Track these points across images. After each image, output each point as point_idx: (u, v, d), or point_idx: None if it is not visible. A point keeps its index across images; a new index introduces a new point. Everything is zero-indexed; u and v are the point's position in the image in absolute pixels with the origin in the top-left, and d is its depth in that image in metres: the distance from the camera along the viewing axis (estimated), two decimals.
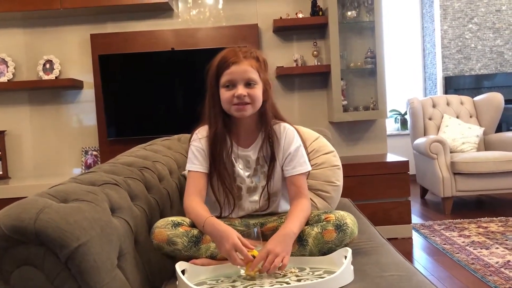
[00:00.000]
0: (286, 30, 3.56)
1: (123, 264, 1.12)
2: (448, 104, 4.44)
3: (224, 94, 1.42)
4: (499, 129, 4.61)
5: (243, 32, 3.51)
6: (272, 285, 1.14)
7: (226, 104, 1.42)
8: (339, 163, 1.99)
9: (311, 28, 3.53)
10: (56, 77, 3.53)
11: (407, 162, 3.16)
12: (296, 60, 3.54)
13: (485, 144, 4.25)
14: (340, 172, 1.99)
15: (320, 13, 3.47)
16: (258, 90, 1.42)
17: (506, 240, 2.96)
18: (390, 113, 5.57)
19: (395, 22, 5.64)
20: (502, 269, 2.45)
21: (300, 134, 1.55)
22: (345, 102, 3.49)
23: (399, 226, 3.15)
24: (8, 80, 3.53)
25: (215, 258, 1.31)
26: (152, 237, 1.29)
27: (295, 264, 1.28)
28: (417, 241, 3.11)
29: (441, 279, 2.41)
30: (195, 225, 1.35)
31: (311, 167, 1.55)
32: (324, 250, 1.31)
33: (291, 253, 1.27)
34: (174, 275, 1.20)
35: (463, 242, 2.97)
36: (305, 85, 3.64)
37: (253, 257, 1.21)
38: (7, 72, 3.53)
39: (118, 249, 1.11)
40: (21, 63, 3.60)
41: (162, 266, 1.37)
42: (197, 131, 1.53)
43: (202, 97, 1.51)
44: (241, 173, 1.49)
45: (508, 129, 5.19)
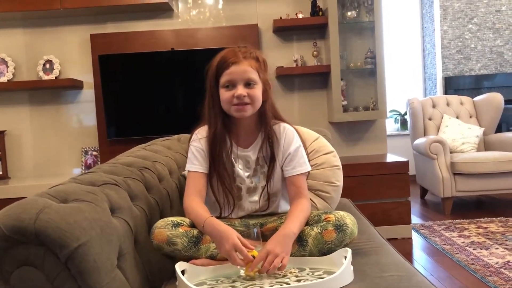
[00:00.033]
0: (286, 30, 3.56)
1: (123, 264, 1.12)
2: (448, 104, 4.44)
3: (224, 94, 1.42)
4: (499, 129, 4.61)
5: (243, 32, 3.51)
6: (272, 286, 1.14)
7: (225, 104, 1.42)
8: (339, 164, 1.99)
9: (311, 28, 3.53)
10: (56, 77, 3.53)
11: (407, 163, 3.16)
12: (296, 60, 3.54)
13: (485, 145, 4.25)
14: (340, 173, 1.99)
15: (320, 13, 3.47)
16: (257, 90, 1.42)
17: (506, 240, 2.96)
18: (390, 113, 5.57)
19: (395, 22, 5.64)
20: (502, 270, 2.45)
21: (299, 134, 1.55)
22: (345, 102, 3.49)
23: (399, 226, 3.15)
24: (8, 80, 3.53)
25: (215, 258, 1.31)
26: (152, 237, 1.29)
27: (295, 265, 1.29)
28: (417, 241, 3.11)
29: (441, 279, 2.41)
30: (195, 225, 1.35)
31: (310, 168, 1.55)
32: (324, 251, 1.31)
33: (291, 254, 1.27)
34: (174, 276, 1.20)
35: (463, 242, 2.97)
36: (305, 85, 3.64)
37: (253, 257, 1.21)
38: (7, 72, 3.53)
39: (118, 249, 1.11)
40: (21, 63, 3.60)
41: (162, 266, 1.37)
42: (196, 131, 1.53)
43: (202, 97, 1.51)
44: (241, 173, 1.49)
45: (508, 130, 5.19)
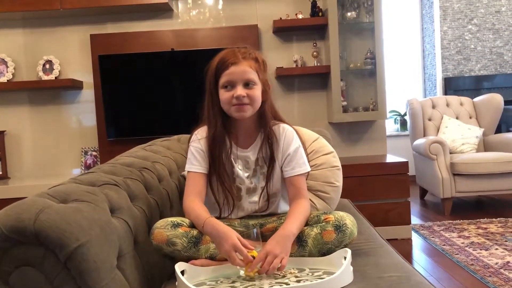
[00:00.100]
0: (286, 31, 3.57)
1: (122, 265, 1.12)
2: (447, 105, 4.44)
3: (223, 94, 1.42)
4: (498, 130, 4.61)
5: (243, 32, 3.51)
6: (272, 286, 1.14)
7: (225, 105, 1.42)
8: (338, 164, 1.99)
9: (311, 29, 3.54)
10: (56, 77, 3.53)
11: (406, 163, 3.16)
12: (296, 61, 3.54)
13: (485, 145, 4.25)
14: (340, 173, 1.99)
15: (320, 14, 3.47)
16: (257, 91, 1.42)
17: (505, 241, 2.96)
18: (389, 114, 5.58)
19: (394, 23, 5.64)
20: (502, 270, 2.45)
21: (299, 134, 1.55)
22: (344, 103, 3.49)
23: (399, 227, 3.15)
24: (7, 80, 3.53)
25: (214, 258, 1.31)
26: (151, 238, 1.29)
27: (294, 265, 1.29)
28: (417, 242, 3.11)
29: (441, 280, 2.41)
30: (194, 225, 1.35)
31: (310, 168, 1.55)
32: (324, 251, 1.31)
33: (290, 254, 1.27)
34: (174, 276, 1.20)
35: (463, 243, 2.97)
36: (304, 86, 3.64)
37: (252, 258, 1.21)
38: (7, 72, 3.53)
39: (118, 249, 1.11)
40: (21, 63, 3.60)
41: (161, 266, 1.36)
42: (196, 131, 1.53)
43: (201, 98, 1.51)
44: (241, 173, 1.49)
45: (507, 130, 5.19)
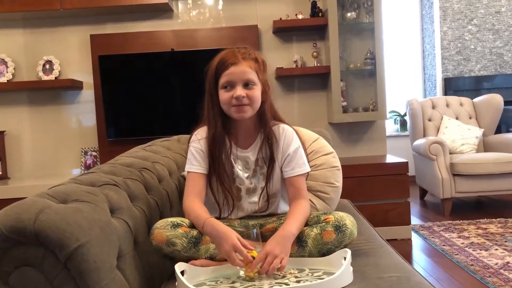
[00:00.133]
0: (286, 31, 3.57)
1: (122, 265, 1.12)
2: (447, 105, 4.44)
3: (223, 95, 1.42)
4: (498, 130, 4.61)
5: (243, 33, 3.52)
6: (271, 286, 1.14)
7: (225, 105, 1.42)
8: (338, 164, 1.99)
9: (311, 29, 3.54)
10: (55, 77, 3.53)
11: (406, 163, 3.16)
12: (295, 61, 3.54)
13: (485, 146, 4.26)
14: (340, 173, 1.99)
15: (320, 14, 3.47)
16: (256, 91, 1.42)
17: (505, 241, 2.96)
18: (389, 114, 5.58)
19: (394, 23, 5.64)
20: (501, 271, 2.45)
21: (299, 135, 1.55)
22: (344, 103, 3.49)
23: (399, 227, 3.15)
24: (7, 80, 3.53)
25: (214, 259, 1.31)
26: (151, 238, 1.29)
27: (294, 265, 1.29)
28: (417, 242, 3.11)
29: (440, 280, 2.41)
30: (194, 226, 1.35)
31: (310, 168, 1.55)
32: (324, 251, 1.31)
33: (290, 254, 1.27)
34: (174, 276, 1.20)
35: (462, 243, 2.97)
36: (304, 86, 3.64)
37: (252, 258, 1.21)
38: (7, 72, 3.53)
39: (118, 249, 1.11)
40: (20, 63, 3.60)
41: (161, 267, 1.37)
42: (196, 132, 1.53)
43: (201, 98, 1.51)
44: (240, 174, 1.49)
45: (507, 131, 5.19)
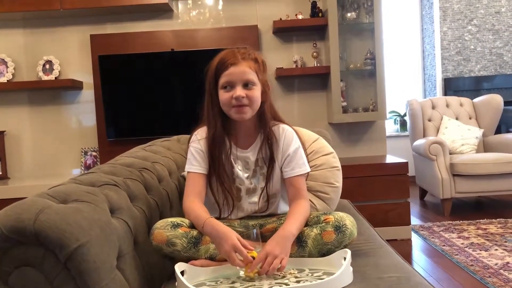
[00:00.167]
0: (286, 31, 3.57)
1: (122, 265, 1.12)
2: (447, 105, 4.44)
3: (223, 95, 1.41)
4: (498, 130, 4.61)
5: (243, 33, 3.52)
6: (271, 286, 1.14)
7: (225, 106, 1.42)
8: (338, 165, 1.99)
9: (311, 29, 3.54)
10: (55, 77, 3.53)
11: (406, 164, 3.16)
12: (295, 61, 3.54)
13: (484, 146, 4.26)
14: (340, 174, 1.99)
15: (320, 14, 3.47)
16: (256, 92, 1.42)
17: (505, 241, 2.96)
18: (389, 115, 5.58)
19: (394, 23, 5.64)
20: (501, 271, 2.45)
21: (299, 135, 1.55)
22: (344, 104, 3.49)
23: (398, 227, 3.15)
24: (7, 80, 3.53)
25: (214, 259, 1.31)
26: (151, 238, 1.29)
27: (294, 265, 1.29)
28: (416, 242, 3.11)
29: (440, 280, 2.41)
30: (194, 226, 1.35)
31: (310, 169, 1.55)
32: (323, 251, 1.31)
33: (290, 254, 1.27)
34: (173, 276, 1.20)
35: (462, 243, 2.97)
36: (304, 86, 3.64)
37: (252, 258, 1.21)
38: (7, 72, 3.53)
39: (118, 250, 1.11)
40: (20, 63, 3.60)
41: (161, 267, 1.37)
42: (196, 132, 1.53)
43: (201, 98, 1.51)
44: (240, 174, 1.49)
45: (507, 131, 5.19)
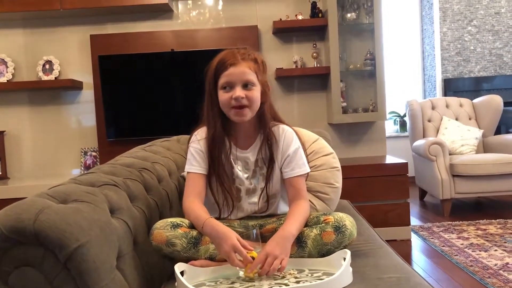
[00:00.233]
0: (286, 31, 3.57)
1: (122, 265, 1.12)
2: (447, 106, 4.44)
3: (222, 95, 1.41)
4: (498, 131, 4.61)
5: (243, 33, 3.52)
6: (271, 287, 1.15)
7: (224, 106, 1.42)
8: (338, 165, 1.99)
9: (311, 30, 3.54)
10: (55, 77, 3.53)
11: (406, 164, 3.16)
12: (295, 62, 3.54)
13: (484, 146, 4.26)
14: (339, 174, 1.99)
15: (319, 15, 3.47)
16: (256, 92, 1.42)
17: (504, 242, 2.96)
18: (389, 115, 5.58)
19: (394, 24, 5.64)
20: (501, 272, 2.45)
21: (299, 135, 1.55)
22: (344, 104, 3.50)
23: (398, 228, 3.15)
24: (7, 80, 3.53)
25: (214, 259, 1.31)
26: (151, 238, 1.29)
27: (294, 266, 1.29)
28: (416, 243, 3.11)
29: (440, 281, 2.41)
30: (194, 226, 1.35)
31: (310, 169, 1.55)
32: (323, 252, 1.31)
33: (290, 255, 1.27)
34: (173, 276, 1.20)
35: (462, 244, 2.97)
36: (304, 87, 3.64)
37: (252, 259, 1.21)
38: (7, 72, 3.53)
39: (117, 250, 1.11)
40: (20, 63, 3.60)
41: (161, 267, 1.37)
42: (196, 132, 1.53)
43: (201, 98, 1.51)
44: (240, 174, 1.49)
45: (507, 132, 5.19)
